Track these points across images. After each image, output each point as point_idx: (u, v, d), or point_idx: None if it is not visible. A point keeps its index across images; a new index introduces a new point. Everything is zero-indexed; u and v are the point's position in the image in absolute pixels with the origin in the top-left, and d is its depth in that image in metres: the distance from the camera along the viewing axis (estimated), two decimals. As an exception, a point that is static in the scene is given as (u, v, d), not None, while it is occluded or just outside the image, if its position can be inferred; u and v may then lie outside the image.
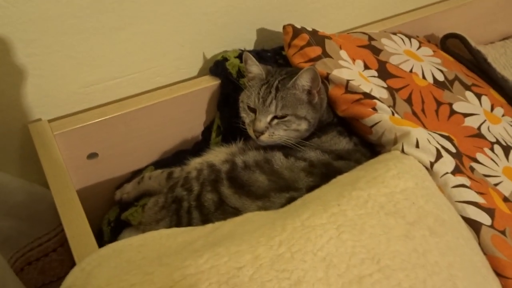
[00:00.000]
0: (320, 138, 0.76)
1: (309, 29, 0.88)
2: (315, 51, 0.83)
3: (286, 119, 0.73)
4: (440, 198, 0.63)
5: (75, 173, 0.83)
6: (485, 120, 0.91)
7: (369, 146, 0.77)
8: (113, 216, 0.85)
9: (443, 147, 0.70)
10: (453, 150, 0.73)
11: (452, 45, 1.12)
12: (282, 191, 0.66)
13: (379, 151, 0.75)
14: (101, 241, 0.83)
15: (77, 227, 0.62)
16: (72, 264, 0.55)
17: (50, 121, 0.80)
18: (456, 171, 0.68)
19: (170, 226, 0.68)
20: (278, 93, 0.74)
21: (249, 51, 0.89)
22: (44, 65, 0.78)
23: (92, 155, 0.84)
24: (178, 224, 0.68)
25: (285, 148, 0.73)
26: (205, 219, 0.66)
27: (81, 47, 0.79)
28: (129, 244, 0.54)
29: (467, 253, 0.57)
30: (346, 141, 0.77)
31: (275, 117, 0.74)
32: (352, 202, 0.55)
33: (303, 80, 0.73)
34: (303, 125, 0.74)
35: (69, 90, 0.83)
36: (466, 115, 0.90)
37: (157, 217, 0.71)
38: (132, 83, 0.89)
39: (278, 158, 0.71)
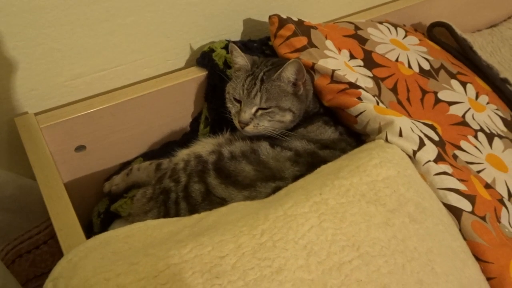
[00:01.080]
0: (306, 128, 0.77)
1: (295, 19, 0.89)
2: (301, 41, 0.84)
3: (270, 110, 0.74)
4: (422, 186, 0.64)
5: (63, 166, 0.83)
6: (469, 108, 0.92)
7: (355, 135, 0.78)
8: (103, 208, 0.86)
9: (426, 136, 0.71)
10: (436, 138, 0.74)
11: (439, 34, 1.12)
12: (268, 181, 0.67)
13: (365, 140, 0.76)
14: (91, 233, 0.84)
15: (64, 219, 0.63)
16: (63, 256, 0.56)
17: (36, 114, 0.80)
18: (439, 159, 0.69)
19: (158, 217, 0.69)
20: (263, 85, 0.74)
21: (236, 42, 0.89)
22: (29, 58, 0.77)
23: (80, 148, 0.84)
24: (166, 215, 0.69)
25: (271, 138, 0.74)
26: (193, 210, 0.67)
27: (66, 40, 0.79)
28: (115, 235, 0.55)
29: (446, 238, 0.58)
30: (331, 130, 0.78)
31: (259, 109, 0.74)
32: (334, 191, 0.56)
33: (288, 73, 0.74)
34: (288, 117, 0.75)
35: (55, 83, 0.82)
36: (451, 103, 0.91)
37: (146, 208, 0.72)
38: (119, 75, 0.88)
39: (264, 148, 0.71)
